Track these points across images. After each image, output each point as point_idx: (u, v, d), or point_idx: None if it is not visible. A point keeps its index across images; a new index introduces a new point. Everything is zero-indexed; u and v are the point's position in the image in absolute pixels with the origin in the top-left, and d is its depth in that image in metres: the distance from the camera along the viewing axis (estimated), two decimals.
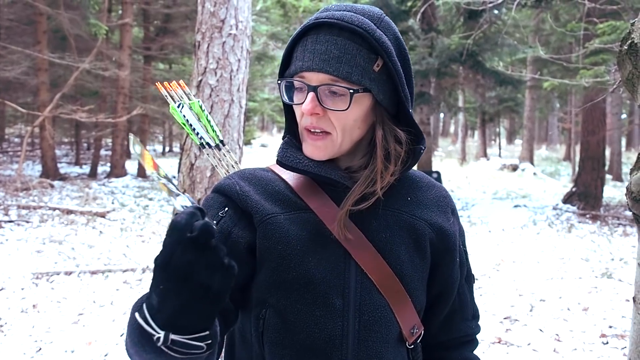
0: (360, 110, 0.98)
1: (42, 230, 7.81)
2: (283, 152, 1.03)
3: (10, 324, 4.37)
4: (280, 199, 1.01)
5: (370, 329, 0.98)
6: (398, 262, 1.00)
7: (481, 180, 16.27)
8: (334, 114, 0.96)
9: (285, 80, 1.00)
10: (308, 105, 0.95)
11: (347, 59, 0.94)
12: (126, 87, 14.02)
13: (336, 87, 0.94)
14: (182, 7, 14.27)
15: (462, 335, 1.15)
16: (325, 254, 0.98)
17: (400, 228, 1.02)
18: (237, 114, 3.52)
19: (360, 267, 0.98)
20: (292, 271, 0.96)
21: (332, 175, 1.00)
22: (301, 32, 0.98)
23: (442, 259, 1.07)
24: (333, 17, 0.95)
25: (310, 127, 0.98)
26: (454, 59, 11.40)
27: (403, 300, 1.01)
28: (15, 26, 12.97)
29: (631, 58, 1.32)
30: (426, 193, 1.09)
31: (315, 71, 0.94)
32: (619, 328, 4.56)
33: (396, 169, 1.00)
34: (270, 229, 0.98)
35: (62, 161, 17.46)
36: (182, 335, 0.75)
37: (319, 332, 0.96)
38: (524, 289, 5.67)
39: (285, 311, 0.97)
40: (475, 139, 36.72)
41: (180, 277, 0.73)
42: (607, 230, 9.20)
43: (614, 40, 7.51)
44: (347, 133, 0.99)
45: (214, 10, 3.47)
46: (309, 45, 0.96)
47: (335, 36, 0.95)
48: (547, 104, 27.65)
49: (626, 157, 22.75)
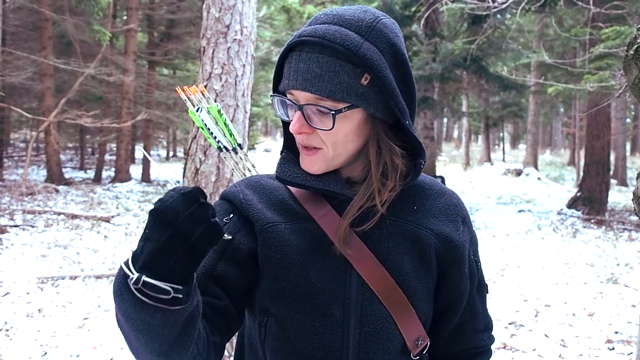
0: (351, 124, 0.95)
1: (47, 234, 7.83)
2: (281, 168, 1.03)
3: (16, 328, 4.38)
4: (283, 208, 1.01)
5: (371, 340, 0.97)
6: (401, 272, 0.98)
7: (485, 185, 16.24)
8: (321, 132, 0.95)
9: (276, 96, 0.99)
10: (295, 125, 0.94)
11: (330, 77, 0.91)
12: (130, 92, 14.07)
13: (318, 107, 0.93)
14: (187, 13, 14.32)
15: (473, 347, 1.13)
16: (326, 264, 0.97)
17: (404, 238, 1.00)
18: (242, 119, 3.53)
19: (361, 277, 0.97)
20: (292, 280, 0.96)
21: (331, 187, 0.99)
22: (287, 48, 0.96)
23: (450, 270, 1.04)
24: (315, 35, 0.92)
25: (303, 144, 0.98)
26: (458, 64, 11.41)
27: (406, 311, 0.99)
28: (20, 32, 13.06)
29: (637, 63, 1.32)
30: (434, 201, 1.06)
31: (299, 90, 0.93)
32: (625, 334, 4.54)
33: (395, 184, 0.98)
34: (270, 237, 0.98)
35: (66, 166, 17.52)
36: (155, 279, 0.77)
37: (318, 343, 0.96)
38: (528, 294, 5.65)
39: (286, 320, 0.97)
40: (479, 143, 36.67)
41: (164, 221, 0.77)
42: (612, 235, 9.16)
43: (618, 45, 7.50)
44: (338, 148, 0.97)
45: (219, 15, 3.49)
46: (292, 63, 0.94)
47: (318, 53, 0.92)
48: (551, 109, 27.64)
49: (631, 162, 22.69)
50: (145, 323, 0.80)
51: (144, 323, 0.80)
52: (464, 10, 9.37)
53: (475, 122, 28.56)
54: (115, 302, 0.82)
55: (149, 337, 0.81)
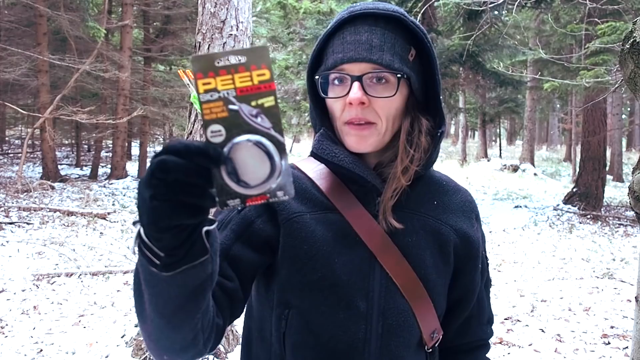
0: (402, 98, 0.98)
1: (42, 231, 7.81)
2: (319, 144, 1.02)
3: (11, 325, 4.36)
4: (307, 198, 0.99)
5: (393, 333, 0.97)
6: (423, 266, 0.99)
7: (482, 181, 16.26)
8: (379, 102, 0.95)
9: (328, 73, 0.97)
10: (356, 94, 0.93)
11: (388, 47, 0.94)
12: (126, 88, 14.02)
13: (383, 73, 0.94)
14: (182, 9, 14.27)
15: (477, 339, 1.15)
16: (351, 255, 0.96)
17: (426, 232, 1.01)
18: None
19: (385, 270, 0.97)
20: (318, 272, 0.95)
21: (365, 174, 0.98)
22: (336, 25, 0.98)
23: (465, 266, 1.06)
24: (367, 9, 0.96)
25: (355, 120, 0.96)
26: (454, 60, 11.40)
27: (426, 305, 1.00)
28: (15, 28, 12.97)
29: (633, 57, 1.32)
30: (452, 197, 1.08)
31: (357, 61, 0.93)
32: (621, 328, 4.55)
33: (417, 156, 0.98)
34: (297, 227, 0.96)
35: (62, 163, 17.46)
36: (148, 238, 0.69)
37: (342, 335, 0.95)
38: (525, 289, 5.66)
39: (309, 312, 0.96)
40: (475, 139, 36.70)
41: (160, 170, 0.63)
42: (608, 230, 9.20)
43: (614, 40, 7.51)
44: (390, 122, 0.97)
45: (214, 10, 3.47)
46: (347, 37, 0.95)
47: (373, 26, 0.95)
48: (548, 105, 27.65)
49: (627, 158, 22.73)
50: (151, 275, 0.73)
51: (150, 275, 0.73)
52: (460, 5, 9.36)
53: (472, 118, 28.54)
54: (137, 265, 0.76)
55: (154, 291, 0.75)
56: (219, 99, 0.63)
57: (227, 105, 0.63)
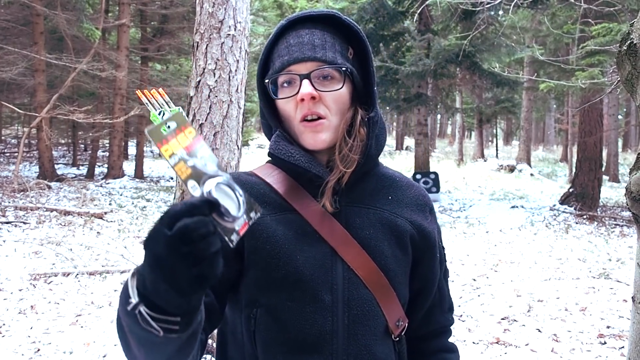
0: (347, 92, 1.04)
1: (39, 231, 7.79)
2: (276, 145, 1.06)
3: (8, 325, 4.36)
4: (266, 201, 1.04)
5: (359, 323, 1.01)
6: (382, 257, 1.04)
7: (478, 181, 16.29)
8: (328, 96, 1.01)
9: (276, 76, 1.03)
10: (307, 89, 0.99)
11: (329, 46, 1.02)
12: (123, 88, 13.99)
13: (328, 70, 1.00)
14: (179, 8, 14.25)
15: (440, 327, 1.20)
16: (312, 252, 1.01)
17: (382, 225, 1.06)
18: (236, 115, 3.51)
19: (346, 263, 1.01)
20: (282, 269, 0.99)
21: (319, 171, 1.03)
22: (278, 32, 1.05)
23: (423, 256, 1.11)
24: (304, 13, 1.05)
25: (308, 114, 1.01)
26: (451, 60, 11.42)
27: (388, 294, 1.04)
28: (12, 27, 12.93)
29: (630, 58, 1.33)
30: (406, 192, 1.14)
31: (303, 61, 1.00)
32: (617, 328, 4.57)
33: (355, 144, 1.02)
34: (258, 229, 1.00)
35: (59, 162, 17.41)
36: (151, 310, 0.72)
37: (309, 328, 0.99)
38: (521, 289, 5.68)
39: (276, 309, 1.00)
40: (472, 140, 36.77)
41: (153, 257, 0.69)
42: (604, 230, 9.23)
43: (608, 41, 7.54)
44: (340, 115, 1.03)
45: (212, 10, 3.47)
46: (291, 40, 1.03)
47: (312, 28, 1.04)
48: (544, 105, 27.71)
49: (623, 158, 22.82)
50: (146, 338, 0.76)
51: (145, 338, 0.76)
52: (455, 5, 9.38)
53: (469, 118, 28.61)
54: (119, 310, 0.79)
55: (149, 349, 0.79)
56: (180, 160, 0.72)
57: (186, 163, 0.72)
